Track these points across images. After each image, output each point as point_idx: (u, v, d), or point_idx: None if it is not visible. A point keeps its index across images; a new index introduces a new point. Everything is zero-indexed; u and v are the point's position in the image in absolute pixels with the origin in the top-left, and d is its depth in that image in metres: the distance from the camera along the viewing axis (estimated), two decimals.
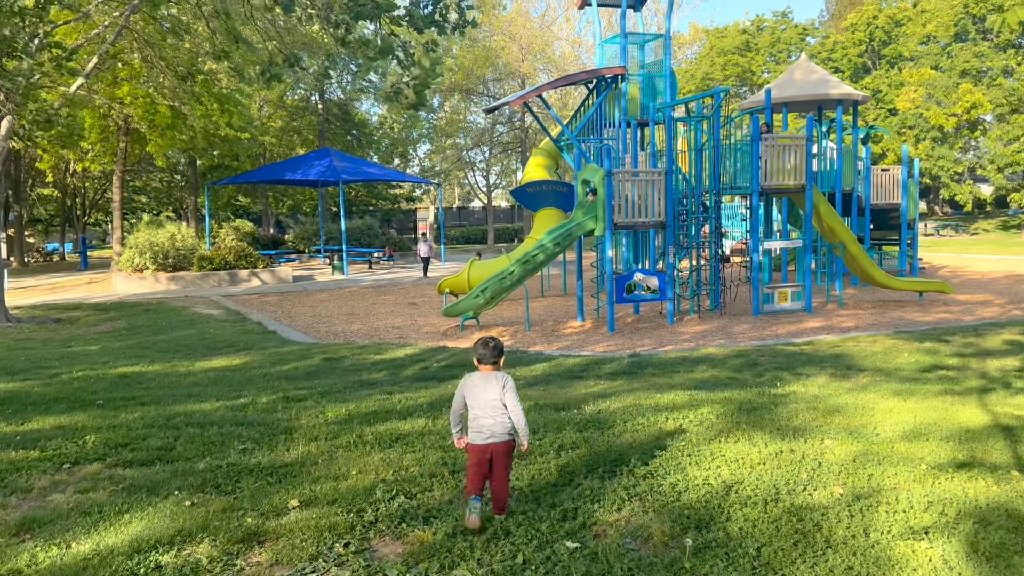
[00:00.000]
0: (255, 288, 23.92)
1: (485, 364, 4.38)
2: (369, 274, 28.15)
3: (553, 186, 19.03)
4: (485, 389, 4.29)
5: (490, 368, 4.37)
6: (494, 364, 4.38)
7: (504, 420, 4.28)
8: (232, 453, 5.78)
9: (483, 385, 4.31)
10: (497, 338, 4.47)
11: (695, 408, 7.07)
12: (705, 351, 11.34)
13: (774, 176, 15.29)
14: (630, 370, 9.89)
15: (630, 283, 14.40)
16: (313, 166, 29.00)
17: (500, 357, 4.42)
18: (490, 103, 41.31)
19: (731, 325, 14.45)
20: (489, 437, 4.26)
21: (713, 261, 16.02)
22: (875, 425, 6.38)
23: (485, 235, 47.09)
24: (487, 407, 4.27)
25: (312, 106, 39.82)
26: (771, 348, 11.57)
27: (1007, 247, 33.01)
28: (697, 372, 9.66)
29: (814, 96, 19.17)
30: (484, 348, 4.38)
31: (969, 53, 37.44)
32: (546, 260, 14.48)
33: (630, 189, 14.27)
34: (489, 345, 4.39)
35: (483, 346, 4.39)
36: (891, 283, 16.78)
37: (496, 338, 4.47)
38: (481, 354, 4.39)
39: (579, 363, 10.40)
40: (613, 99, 19.63)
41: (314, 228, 35.49)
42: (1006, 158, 34.86)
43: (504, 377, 4.35)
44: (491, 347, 4.38)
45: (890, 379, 8.85)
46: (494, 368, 4.38)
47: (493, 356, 4.38)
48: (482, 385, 4.31)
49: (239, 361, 11.26)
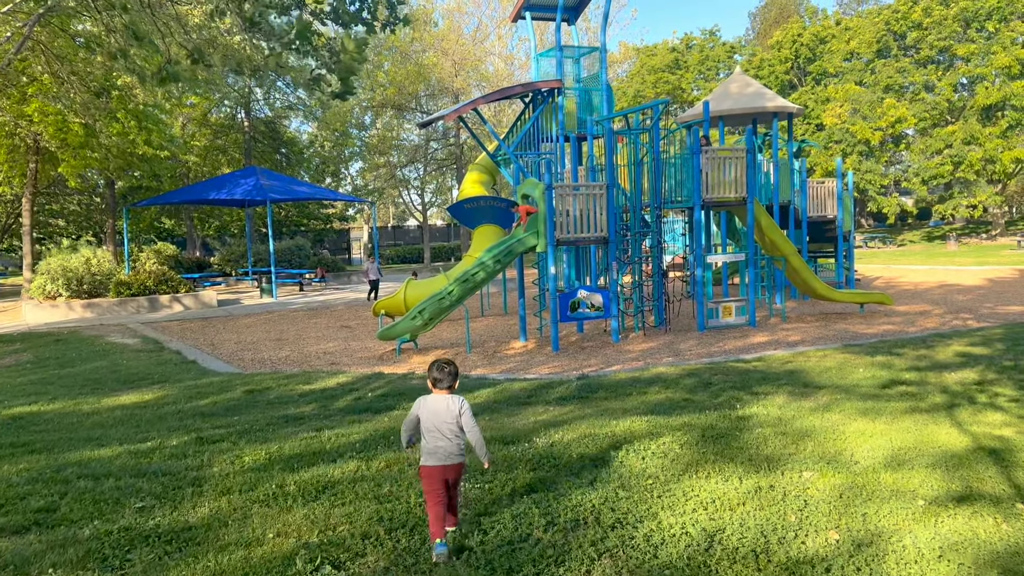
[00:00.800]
0: (177, 314, 22.58)
1: (440, 388, 4.37)
2: (300, 296, 27.01)
3: (491, 202, 18.43)
4: (441, 412, 4.30)
5: (445, 391, 4.37)
6: (449, 388, 4.38)
7: (459, 443, 4.31)
8: (127, 513, 4.90)
9: (439, 408, 4.31)
10: (452, 361, 4.44)
11: (656, 437, 6.48)
12: (656, 371, 10.82)
13: (715, 189, 14.99)
14: (580, 394, 9.27)
15: (574, 300, 13.85)
16: (239, 185, 27.76)
17: (455, 380, 4.42)
18: (423, 119, 40.69)
19: (677, 342, 14.01)
20: (446, 459, 4.28)
21: (656, 276, 15.61)
22: (851, 451, 5.88)
23: (421, 254, 46.21)
24: (444, 429, 4.27)
25: (238, 124, 38.44)
26: (722, 366, 11.12)
27: (934, 257, 33.81)
28: (650, 394, 9.10)
29: (750, 109, 19.07)
30: (440, 372, 4.36)
31: (892, 69, 38.49)
32: (487, 278, 13.81)
33: (571, 204, 13.74)
34: (445, 370, 4.37)
35: (438, 370, 4.37)
36: (833, 295, 16.65)
37: (452, 361, 4.44)
38: (436, 378, 4.37)
39: (525, 388, 9.73)
40: (550, 113, 19.19)
41: (241, 250, 34.07)
42: (930, 170, 35.83)
43: (460, 400, 4.35)
44: (446, 371, 4.37)
45: (851, 397, 8.44)
46: (449, 391, 4.38)
47: (449, 380, 4.37)
48: (438, 408, 4.31)
49: (152, 396, 10.24)
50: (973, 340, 12.26)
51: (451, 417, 4.29)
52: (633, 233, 15.16)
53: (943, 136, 36.20)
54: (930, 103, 37.23)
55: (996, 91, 34.37)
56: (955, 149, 35.62)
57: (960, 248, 37.33)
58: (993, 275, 25.38)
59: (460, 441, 4.33)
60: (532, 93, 19.39)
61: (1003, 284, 22.39)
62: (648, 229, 16.36)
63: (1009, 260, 30.56)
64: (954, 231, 41.66)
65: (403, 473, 5.57)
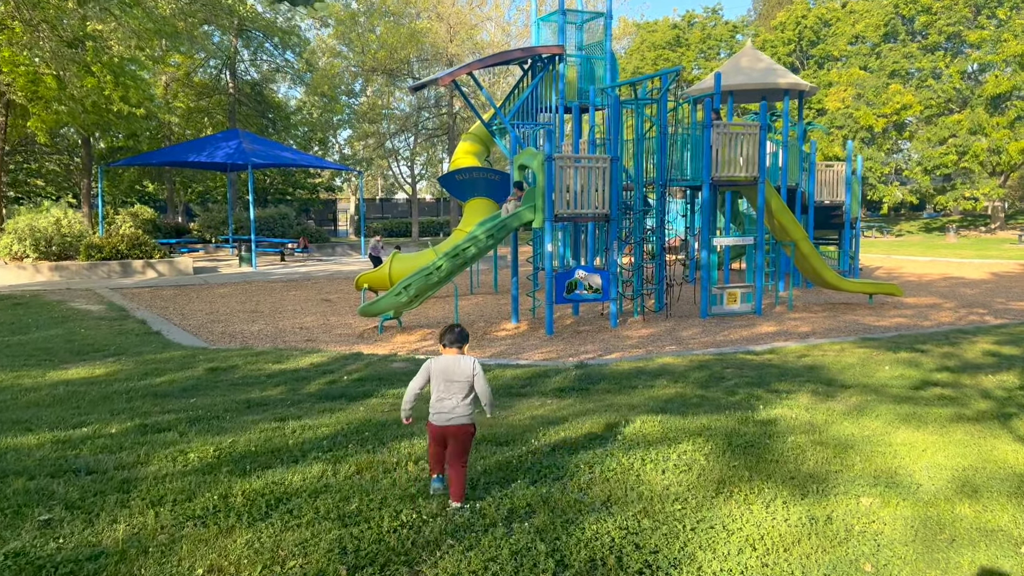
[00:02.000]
0: (150, 280, 21.46)
1: (451, 348, 4.40)
2: (281, 267, 25.90)
3: (484, 174, 17.38)
4: (453, 372, 4.32)
5: (455, 351, 4.39)
6: (459, 348, 4.40)
7: (467, 403, 4.33)
8: (26, 530, 3.91)
9: (451, 368, 4.33)
10: (459, 325, 4.48)
11: (673, 443, 5.55)
12: (661, 361, 9.89)
13: (725, 167, 14.00)
14: (580, 385, 8.33)
15: (571, 281, 12.89)
16: (220, 148, 26.48)
17: (465, 342, 4.45)
18: (410, 93, 39.36)
19: (679, 328, 13.10)
20: (449, 419, 4.30)
21: (659, 259, 14.67)
22: (909, 471, 4.97)
23: (409, 228, 45.02)
24: (453, 389, 4.31)
25: (223, 86, 36.96)
26: (733, 358, 10.21)
27: (934, 249, 33.05)
28: (657, 388, 8.18)
29: (762, 85, 18.06)
30: (451, 332, 4.44)
31: (898, 54, 37.43)
32: (478, 254, 12.82)
33: (572, 177, 12.73)
34: (455, 330, 4.43)
35: (449, 331, 4.45)
36: (842, 285, 15.78)
37: (458, 325, 4.47)
38: (448, 339, 4.42)
39: (519, 376, 8.78)
40: (549, 81, 18.10)
41: (222, 216, 32.80)
42: (934, 160, 34.93)
43: (473, 360, 4.38)
44: (457, 332, 4.43)
45: (882, 399, 7.55)
46: (459, 351, 4.40)
47: (459, 340, 4.42)
48: (450, 368, 4.33)
49: (103, 371, 9.21)
50: (998, 338, 11.41)
51: (463, 376, 4.30)
52: (636, 212, 14.18)
53: (948, 125, 35.28)
54: (937, 90, 36.27)
55: (1006, 80, 33.46)
56: (960, 138, 34.75)
57: (960, 240, 36.62)
58: (997, 269, 24.61)
59: (468, 401, 4.32)
60: (531, 60, 18.28)
61: (1009, 279, 21.60)
62: (650, 208, 15.40)
63: (1011, 254, 29.84)
64: (953, 223, 40.94)
65: (376, 484, 4.61)
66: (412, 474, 4.82)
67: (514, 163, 13.54)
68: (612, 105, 13.27)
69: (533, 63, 18.40)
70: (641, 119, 14.32)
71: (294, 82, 39.46)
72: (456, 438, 4.30)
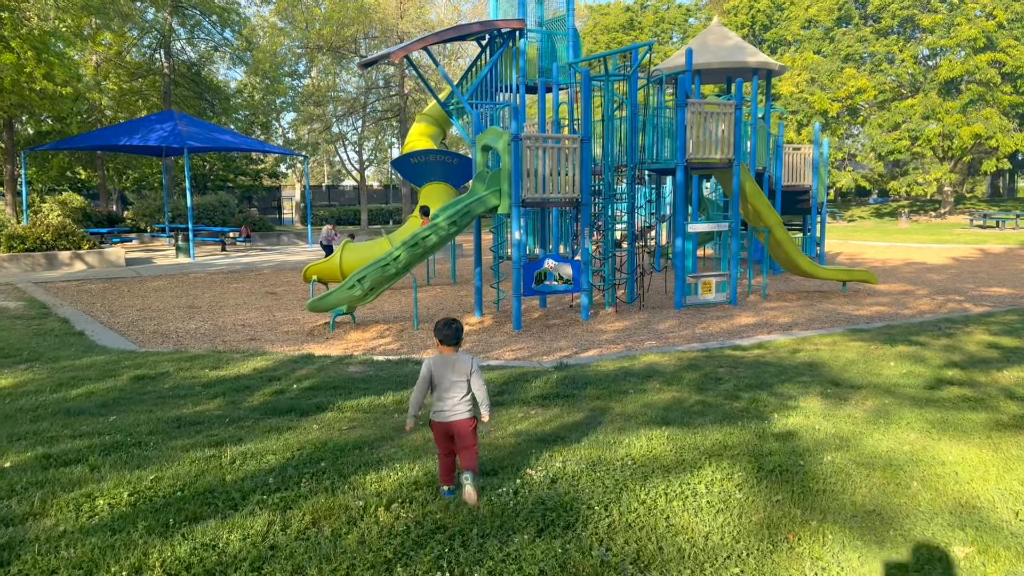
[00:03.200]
0: (78, 273, 19.84)
1: (447, 345, 4.42)
2: (221, 257, 24.38)
3: (441, 157, 16.28)
4: (451, 370, 4.37)
5: (451, 349, 4.42)
6: (455, 346, 4.43)
7: (468, 399, 4.39)
8: None
9: (450, 366, 4.38)
10: (458, 320, 4.47)
11: (693, 469, 4.65)
12: (646, 360, 9.00)
13: (700, 148, 13.18)
14: (564, 390, 7.38)
15: (540, 272, 11.93)
16: (154, 130, 24.75)
17: (461, 338, 4.46)
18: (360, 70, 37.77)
19: (654, 321, 12.27)
20: (452, 416, 4.35)
21: (630, 247, 13.80)
22: (985, 501, 4.16)
23: (357, 216, 43.49)
24: (452, 387, 4.36)
25: (158, 67, 34.90)
26: (721, 354, 9.39)
27: (889, 234, 33.01)
28: (651, 393, 7.28)
29: (730, 63, 17.31)
30: (447, 329, 4.42)
31: (852, 38, 37.25)
32: (439, 243, 11.77)
33: (540, 159, 11.75)
34: (452, 327, 4.43)
35: (446, 327, 4.43)
36: (817, 272, 15.16)
37: (457, 320, 4.47)
38: (444, 335, 4.42)
39: (494, 380, 7.80)
40: (509, 59, 17.07)
41: (158, 204, 30.96)
42: (887, 145, 34.89)
43: (471, 358, 4.44)
44: (454, 329, 4.43)
45: (900, 401, 6.78)
46: (455, 349, 4.43)
47: (456, 338, 4.42)
48: (449, 366, 4.38)
49: (10, 382, 7.94)
50: (992, 328, 10.83)
51: (461, 375, 4.37)
52: (606, 197, 13.28)
53: (902, 110, 35.24)
54: (891, 74, 36.16)
55: (959, 64, 33.49)
56: (913, 123, 34.73)
57: (912, 226, 36.76)
58: (956, 254, 24.47)
59: (468, 397, 4.40)
60: (489, 35, 17.22)
61: (970, 264, 21.37)
62: (617, 193, 14.54)
63: (965, 239, 29.93)
64: (904, 208, 41.16)
65: (339, 542, 3.58)
66: (385, 525, 3.81)
67: (476, 144, 12.50)
68: (583, 81, 12.31)
69: (491, 39, 17.34)
70: (611, 97, 13.39)
71: (234, 62, 37.49)
72: (461, 434, 4.36)
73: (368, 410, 6.72)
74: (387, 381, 7.86)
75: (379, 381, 7.88)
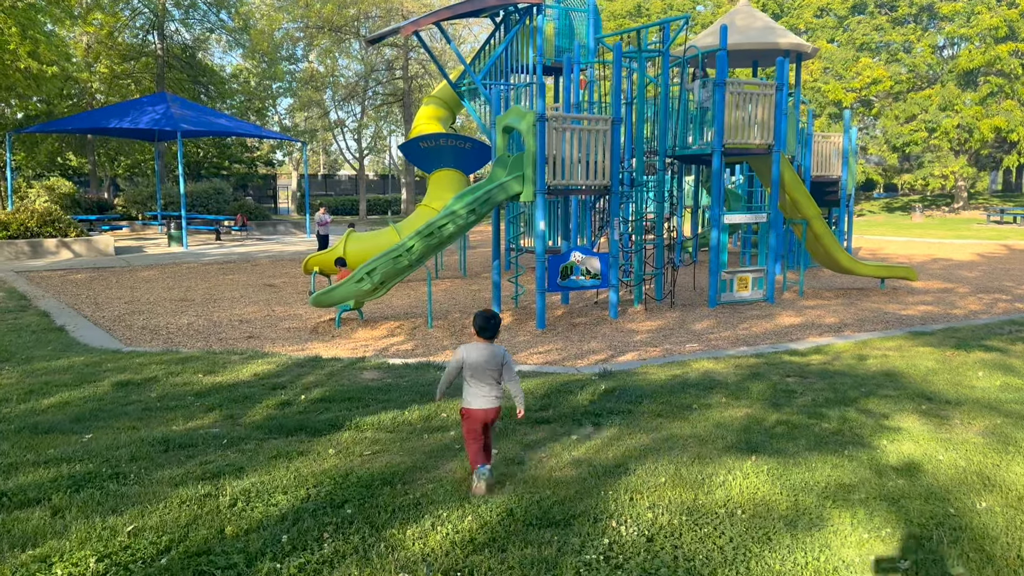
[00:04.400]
0: (64, 262, 18.72)
1: (484, 337, 4.57)
2: (216, 247, 23.25)
3: (453, 141, 15.20)
4: (485, 360, 4.49)
5: (487, 341, 4.57)
6: (492, 338, 4.58)
7: (500, 388, 4.59)
8: None
9: (484, 356, 4.50)
10: (497, 314, 4.61)
11: (821, 523, 3.64)
12: (698, 367, 7.97)
13: (736, 132, 12.13)
14: (617, 404, 6.35)
15: (565, 265, 10.88)
16: (145, 112, 23.57)
17: (498, 332, 4.60)
18: (366, 46, 36.39)
19: (688, 320, 11.25)
20: (488, 403, 4.52)
21: (659, 239, 12.76)
22: None
23: (355, 206, 42.30)
24: (486, 377, 4.50)
25: (151, 49, 33.59)
26: (779, 360, 8.38)
27: (904, 229, 32.06)
28: (717, 408, 6.25)
29: (760, 44, 16.24)
30: (486, 322, 4.56)
31: (868, 27, 36.14)
32: (456, 232, 10.71)
33: (568, 141, 10.69)
34: (491, 321, 4.56)
35: (484, 320, 4.56)
36: (856, 268, 14.14)
37: (497, 314, 4.61)
38: (482, 327, 4.56)
39: (531, 390, 6.76)
40: (525, 37, 16.01)
41: (150, 190, 29.76)
42: (903, 137, 33.82)
43: (503, 351, 4.58)
44: (492, 323, 4.56)
45: (1015, 422, 5.78)
46: (491, 341, 4.58)
47: (494, 332, 4.57)
48: (483, 356, 4.50)
49: None
50: None
51: (495, 365, 4.52)
52: (638, 184, 12.23)
53: (918, 101, 34.15)
54: (908, 64, 35.04)
55: (980, 54, 32.41)
56: (931, 115, 33.67)
57: (925, 220, 35.79)
58: (980, 250, 23.50)
59: (501, 386, 4.58)
60: (504, 11, 16.14)
61: (999, 261, 20.40)
62: (651, 181, 13.49)
63: (986, 235, 28.97)
64: (916, 203, 40.18)
65: None
66: None
67: (497, 125, 11.42)
68: (615, 57, 11.24)
69: (506, 16, 16.28)
70: (643, 75, 12.34)
71: (230, 45, 36.19)
72: (492, 419, 4.56)
73: (392, 428, 5.68)
74: (408, 391, 6.82)
75: (399, 391, 6.83)
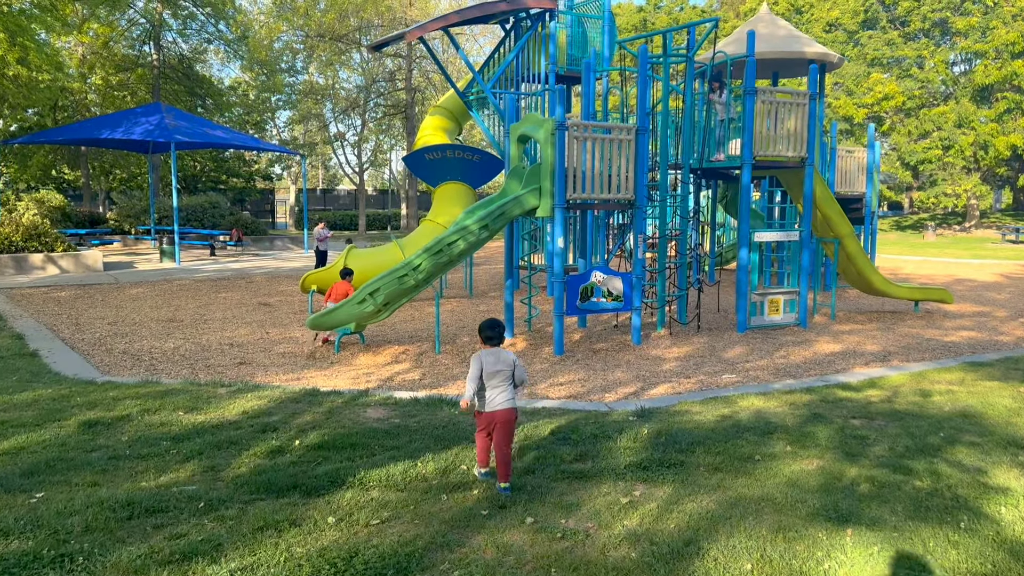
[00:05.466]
0: (50, 278, 17.80)
1: (491, 345, 4.85)
2: (210, 262, 22.33)
3: (461, 153, 14.35)
4: (499, 363, 4.77)
5: (494, 347, 4.84)
6: (498, 345, 4.85)
7: (509, 390, 4.80)
8: None
9: (495, 361, 4.78)
10: (501, 321, 4.91)
11: None
12: (747, 404, 7.05)
13: (767, 144, 11.28)
14: (665, 453, 5.43)
15: (586, 286, 9.99)
16: (139, 123, 22.72)
17: (503, 339, 4.89)
18: (369, 57, 35.55)
19: (718, 346, 10.35)
20: (496, 406, 4.75)
21: (682, 258, 11.87)
22: None
23: (354, 221, 41.42)
24: (496, 379, 4.76)
25: (147, 60, 32.79)
26: (834, 395, 7.47)
27: (919, 248, 31.22)
28: (782, 460, 5.34)
29: (785, 53, 15.43)
30: (491, 331, 4.86)
31: (879, 41, 35.43)
32: (467, 250, 9.81)
33: (589, 152, 9.82)
34: (496, 329, 4.86)
35: (490, 328, 4.87)
36: (890, 290, 13.26)
37: (500, 321, 4.92)
38: (488, 336, 4.86)
39: (560, 429, 5.83)
40: (536, 45, 15.19)
41: (144, 204, 28.88)
42: (917, 154, 33.02)
43: (512, 356, 4.84)
44: (498, 331, 4.86)
45: None
46: (498, 347, 4.85)
47: (500, 338, 4.86)
48: (496, 360, 4.78)
49: None
50: None
51: (506, 367, 4.77)
52: (662, 199, 11.36)
53: (932, 117, 33.38)
54: (921, 79, 34.31)
55: (996, 70, 31.66)
56: (946, 131, 32.89)
57: (939, 239, 34.96)
58: (1001, 270, 22.65)
59: (510, 389, 4.79)
60: (515, 18, 15.34)
61: (1023, 281, 19.55)
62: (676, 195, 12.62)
63: (1004, 254, 28.15)
64: (926, 221, 39.36)
65: None
66: None
67: (511, 134, 10.57)
68: (640, 60, 10.41)
69: (517, 22, 15.46)
70: (667, 81, 11.50)
71: (228, 56, 35.40)
72: (502, 423, 4.75)
73: (403, 485, 4.76)
74: (420, 434, 5.90)
75: (409, 434, 5.91)
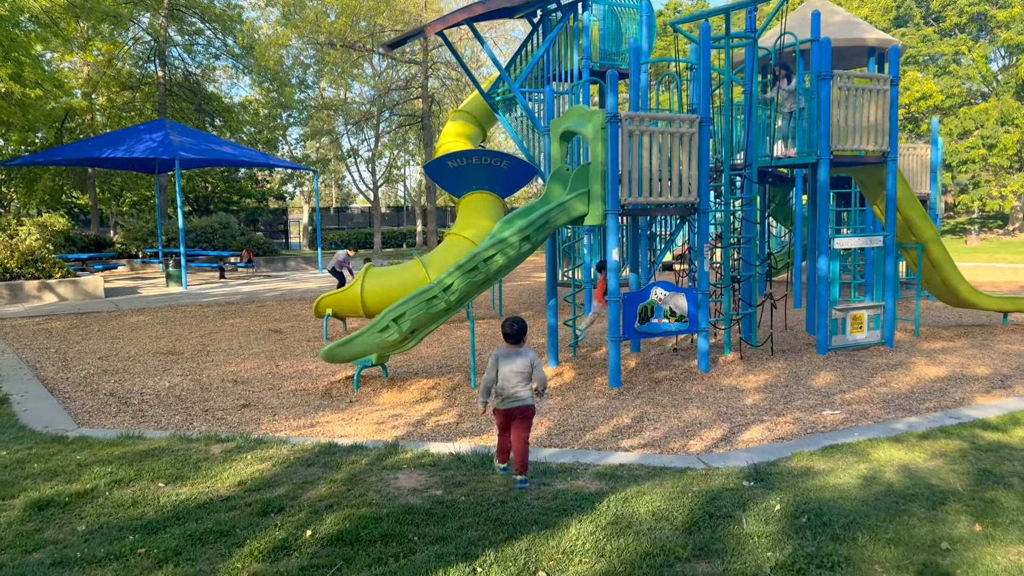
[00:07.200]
0: (45, 307, 16.50)
1: (511, 343, 4.97)
2: (219, 285, 21.01)
3: (486, 159, 12.92)
4: (515, 363, 4.89)
5: (516, 345, 4.96)
6: (519, 343, 4.97)
7: (527, 387, 4.89)
8: None
9: (513, 359, 4.90)
10: (522, 319, 5.01)
11: None
12: (885, 456, 5.52)
13: (845, 137, 9.79)
14: (816, 549, 3.92)
15: (645, 305, 8.50)
16: (142, 140, 21.51)
17: (525, 337, 5.01)
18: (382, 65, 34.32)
19: (801, 373, 8.83)
20: (513, 403, 4.87)
21: (745, 272, 10.35)
22: None
23: (369, 239, 40.15)
24: (514, 378, 4.86)
25: (152, 77, 31.70)
26: (985, 441, 5.94)
27: (964, 253, 29.51)
28: (977, 546, 3.85)
29: (844, 41, 13.93)
30: (511, 328, 4.97)
31: (914, 38, 33.85)
32: (506, 266, 8.37)
33: (646, 148, 8.36)
34: (516, 327, 4.97)
35: (510, 327, 4.97)
36: (980, 301, 11.68)
37: (521, 319, 5.01)
38: (507, 333, 4.98)
39: (664, 514, 4.34)
40: (566, 39, 13.82)
41: (152, 226, 27.69)
42: (959, 155, 31.32)
43: (532, 353, 4.95)
44: (517, 328, 4.97)
45: None
46: (518, 345, 4.97)
47: (518, 337, 4.96)
48: (512, 359, 4.90)
49: None
50: None
51: (524, 366, 4.87)
52: (725, 203, 9.88)
53: (972, 115, 31.71)
54: (962, 76, 32.66)
55: None
56: (988, 129, 31.20)
57: (982, 244, 33.20)
58: None
59: (528, 386, 4.88)
60: (543, 11, 13.98)
61: None
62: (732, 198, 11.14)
63: None
64: (967, 225, 37.54)
65: None
66: None
67: (552, 131, 9.13)
68: (702, 42, 8.98)
69: (545, 15, 14.10)
70: (729, 66, 10.05)
71: (236, 71, 34.26)
72: (519, 419, 4.87)
73: None
74: (471, 514, 4.42)
75: (458, 515, 4.43)
